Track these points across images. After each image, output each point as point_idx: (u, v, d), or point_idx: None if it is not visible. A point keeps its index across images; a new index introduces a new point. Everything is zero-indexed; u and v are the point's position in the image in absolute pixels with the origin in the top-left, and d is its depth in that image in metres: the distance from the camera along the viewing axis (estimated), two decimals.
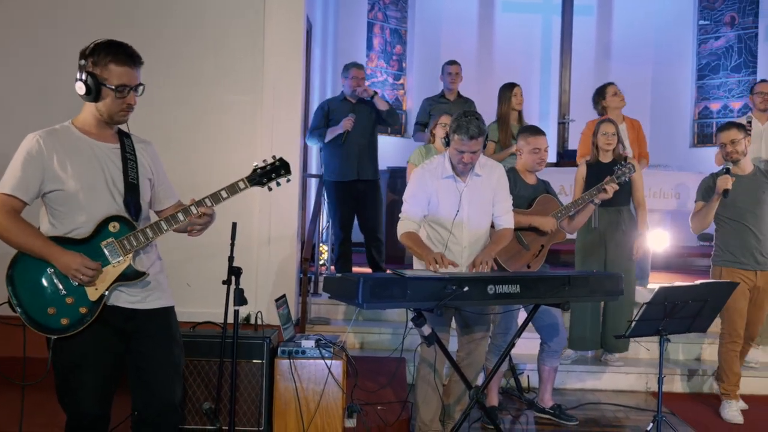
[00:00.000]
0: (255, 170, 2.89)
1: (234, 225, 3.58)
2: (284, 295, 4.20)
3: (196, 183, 4.87)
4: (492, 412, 4.47)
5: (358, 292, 3.14)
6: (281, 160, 2.93)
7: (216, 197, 2.81)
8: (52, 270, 2.62)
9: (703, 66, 10.20)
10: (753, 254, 4.62)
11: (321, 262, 6.77)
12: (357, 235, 6.55)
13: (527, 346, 5.08)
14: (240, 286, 3.48)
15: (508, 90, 5.98)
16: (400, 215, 3.83)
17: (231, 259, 3.53)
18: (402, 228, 3.78)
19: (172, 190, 2.99)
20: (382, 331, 5.70)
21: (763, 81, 6.25)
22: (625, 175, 4.46)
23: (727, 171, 4.52)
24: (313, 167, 7.56)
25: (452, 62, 6.56)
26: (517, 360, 5.21)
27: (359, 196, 6.29)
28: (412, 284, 3.23)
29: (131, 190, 2.74)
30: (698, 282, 3.80)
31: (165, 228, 2.75)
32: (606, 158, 5.10)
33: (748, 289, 4.63)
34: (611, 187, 4.35)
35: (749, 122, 5.74)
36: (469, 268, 3.72)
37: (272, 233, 5.25)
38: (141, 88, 2.73)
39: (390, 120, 6.30)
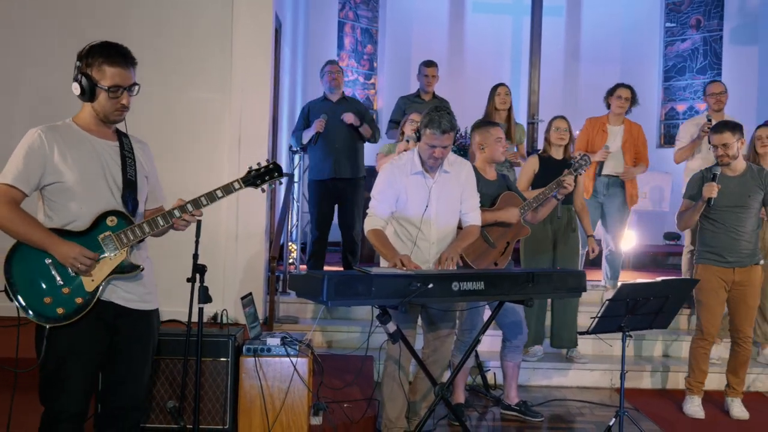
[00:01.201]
0: (249, 172, 3.00)
1: (198, 222, 3.56)
2: (250, 293, 4.19)
3: (164, 182, 4.87)
4: (458, 409, 4.51)
5: (322, 289, 3.14)
6: (275, 163, 3.05)
7: (211, 196, 2.90)
8: (50, 260, 2.68)
9: (670, 68, 10.34)
10: (729, 252, 4.61)
11: (290, 261, 6.76)
12: (333, 236, 6.57)
13: (494, 343, 5.13)
14: (205, 284, 3.46)
15: (493, 90, 6.07)
16: (367, 211, 3.84)
17: (195, 256, 3.50)
18: (369, 225, 3.78)
19: (161, 194, 3.08)
20: (351, 329, 5.71)
21: (713, 82, 6.36)
22: (582, 167, 4.55)
23: (714, 177, 4.53)
24: (283, 166, 7.53)
25: (430, 64, 6.56)
26: (483, 357, 5.25)
27: (339, 195, 6.31)
28: (377, 281, 3.24)
29: (129, 187, 2.82)
30: (659, 279, 3.86)
31: (162, 224, 2.83)
32: (557, 154, 5.15)
33: (724, 287, 4.65)
34: (569, 179, 4.40)
35: (709, 120, 5.84)
36: (435, 264, 3.74)
37: (240, 231, 5.24)
38: (136, 88, 2.82)
39: (371, 141, 6.41)
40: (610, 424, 3.89)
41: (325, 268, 6.47)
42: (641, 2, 10.54)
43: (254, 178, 2.98)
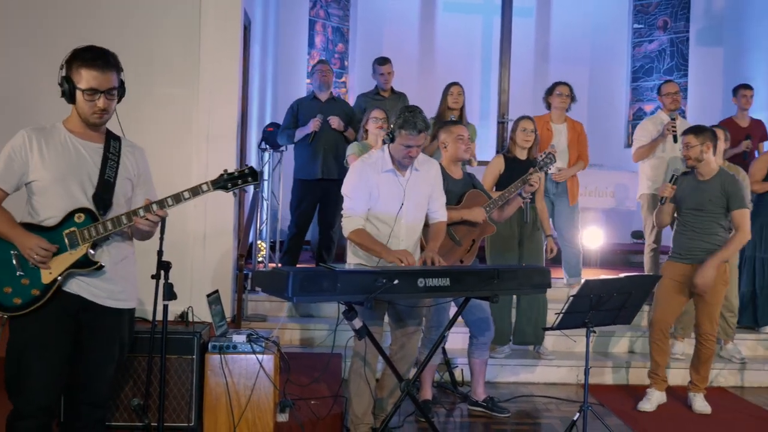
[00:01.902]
0: (222, 175, 3.00)
1: (163, 220, 3.53)
2: (217, 291, 4.17)
3: None
4: (425, 405, 4.54)
5: (287, 285, 3.14)
6: (251, 168, 3.06)
7: (177, 197, 2.93)
8: (16, 252, 2.78)
9: (638, 68, 10.47)
10: (687, 251, 4.75)
11: (260, 259, 6.75)
12: (309, 234, 6.57)
13: (462, 340, 5.16)
14: (170, 281, 3.44)
15: (446, 89, 6.10)
16: (343, 212, 3.83)
17: (160, 253, 3.48)
18: (349, 225, 3.76)
19: (155, 198, 3.06)
20: (319, 326, 5.71)
21: (668, 82, 6.45)
22: (548, 165, 4.59)
23: (674, 179, 4.69)
24: (253, 163, 7.51)
25: (383, 62, 6.58)
26: (451, 354, 5.28)
27: (323, 194, 6.31)
28: (343, 278, 3.24)
29: (104, 187, 2.88)
30: (622, 275, 3.91)
31: (125, 222, 2.88)
32: (522, 155, 5.19)
33: (684, 283, 4.74)
34: (535, 177, 4.43)
35: (673, 119, 5.92)
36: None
37: (208, 229, 5.20)
38: (116, 91, 2.90)
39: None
40: (574, 419, 3.94)
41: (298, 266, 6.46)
42: (610, 4, 10.66)
43: (226, 182, 2.99)
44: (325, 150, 6.19)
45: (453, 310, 4.28)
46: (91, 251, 2.85)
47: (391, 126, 3.77)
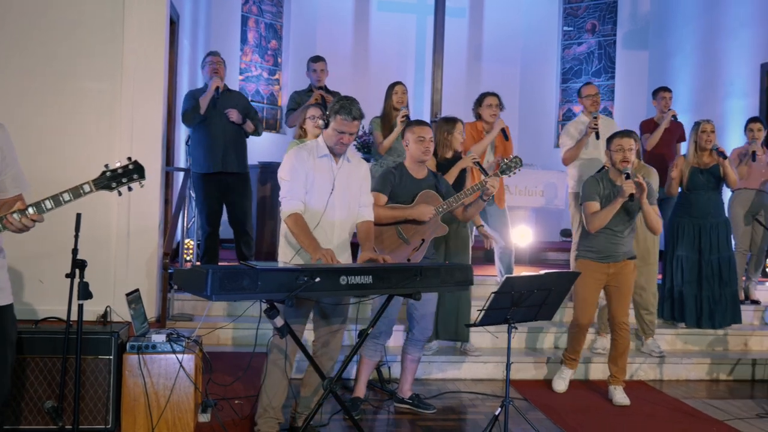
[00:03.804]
0: (104, 173, 2.75)
1: (78, 216, 3.46)
2: (137, 290, 4.09)
3: (51, 174, 4.70)
4: (355, 402, 4.54)
5: (206, 283, 3.08)
6: (135, 163, 2.81)
7: (57, 200, 2.67)
8: None
9: (567, 70, 10.70)
10: (609, 251, 4.89)
11: (188, 258, 6.63)
12: (227, 231, 6.46)
13: (397, 338, 5.19)
14: (85, 280, 3.37)
15: (390, 88, 6.10)
16: (281, 196, 3.80)
17: (75, 251, 3.41)
18: (288, 208, 3.74)
19: (20, 180, 2.86)
20: (249, 325, 5.63)
21: (587, 84, 6.62)
22: (511, 169, 4.54)
23: (628, 176, 4.71)
24: (181, 160, 7.39)
25: (317, 59, 6.57)
26: (388, 352, 5.29)
27: (227, 189, 6.20)
28: (264, 275, 3.21)
29: None
30: (543, 272, 3.98)
31: None
32: (447, 154, 5.24)
33: (600, 280, 4.91)
34: (493, 181, 4.43)
35: (595, 117, 6.06)
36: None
37: (132, 227, 5.09)
38: None
39: (254, 134, 6.36)
40: (496, 413, 3.99)
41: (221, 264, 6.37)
42: (541, 6, 10.86)
43: (109, 180, 2.74)
44: (225, 142, 6.08)
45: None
46: None
47: (327, 113, 3.80)
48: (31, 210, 2.65)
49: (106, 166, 2.78)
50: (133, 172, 2.78)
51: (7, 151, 2.80)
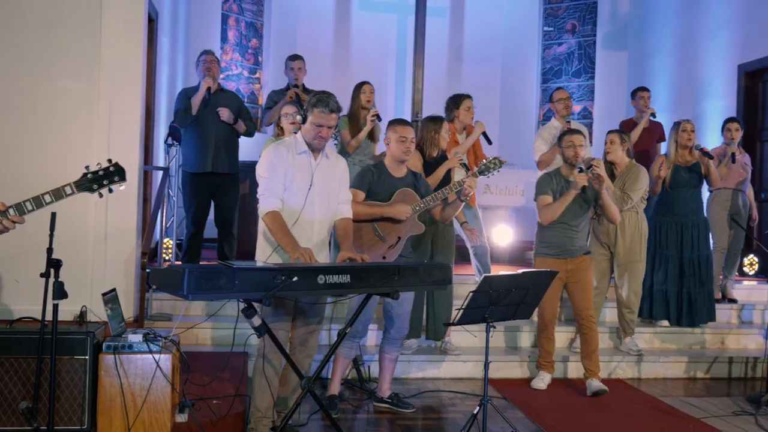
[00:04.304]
0: (85, 175, 2.80)
1: (53, 215, 3.41)
2: (114, 290, 4.06)
3: (28, 174, 4.66)
4: (332, 401, 4.55)
5: (183, 282, 3.06)
6: (116, 165, 2.86)
7: (38, 201, 2.71)
8: None
9: (547, 70, 10.74)
10: (566, 245, 5.10)
11: (166, 257, 6.59)
12: (210, 231, 6.43)
13: (375, 337, 5.19)
14: (60, 280, 3.33)
15: (358, 87, 6.11)
16: (259, 193, 3.78)
17: (50, 251, 3.37)
18: (266, 206, 3.73)
19: None
20: (229, 326, 5.60)
21: (559, 89, 6.71)
22: (490, 169, 4.59)
23: (581, 170, 4.91)
24: (160, 159, 7.35)
25: (295, 57, 6.57)
26: (365, 351, 5.30)
27: (215, 190, 6.19)
28: (241, 275, 3.20)
29: None
30: (520, 271, 3.99)
31: None
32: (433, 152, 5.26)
33: (560, 277, 5.03)
34: (471, 181, 4.44)
35: (568, 122, 6.13)
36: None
37: (109, 226, 5.05)
38: None
39: (247, 135, 6.35)
40: (475, 412, 4.00)
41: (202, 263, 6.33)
42: (521, 6, 10.89)
43: (90, 182, 2.80)
44: (216, 143, 6.08)
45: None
46: None
47: (304, 107, 3.81)
48: (11, 211, 2.67)
49: (87, 167, 2.81)
50: (114, 174, 2.84)
51: None
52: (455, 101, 5.92)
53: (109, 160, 2.85)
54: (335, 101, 3.79)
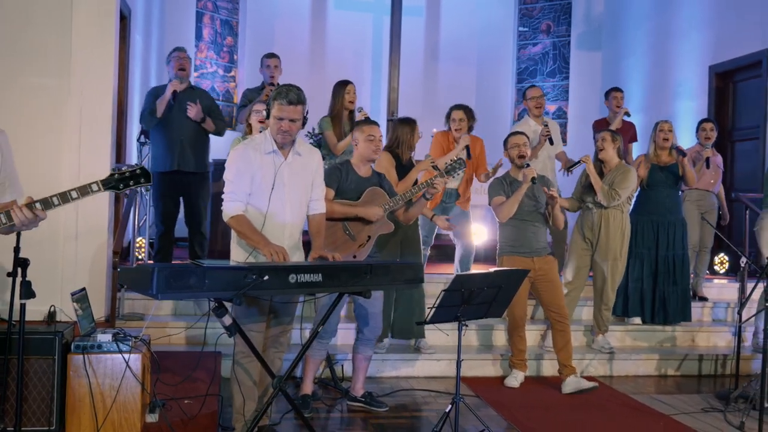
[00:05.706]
0: (112, 175, 2.90)
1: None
2: (83, 289, 4.01)
3: None
4: (305, 400, 4.54)
5: (152, 281, 3.03)
6: (143, 168, 2.97)
7: (64, 197, 2.76)
8: None
9: (522, 70, 10.80)
10: (531, 243, 5.23)
11: (139, 257, 6.54)
12: (182, 231, 6.39)
13: (349, 336, 5.19)
14: (28, 279, 3.29)
15: (341, 87, 6.01)
16: (223, 197, 3.74)
17: (17, 249, 3.33)
18: (229, 210, 3.68)
19: (16, 186, 2.94)
20: (200, 325, 5.55)
21: (532, 87, 6.74)
22: (455, 170, 4.67)
23: (528, 165, 5.12)
24: (133, 157, 7.29)
25: (271, 55, 6.54)
26: (338, 350, 5.30)
27: (183, 189, 6.13)
28: (211, 274, 3.17)
29: None
30: (492, 270, 4.01)
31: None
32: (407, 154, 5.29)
33: (528, 276, 5.01)
34: (440, 182, 4.46)
35: (546, 125, 6.18)
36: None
37: (80, 225, 4.99)
38: None
39: (216, 134, 6.30)
40: (447, 410, 4.01)
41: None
42: (497, 6, 10.94)
43: (118, 182, 2.89)
44: (182, 141, 6.04)
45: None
46: None
47: (268, 103, 3.77)
48: (38, 205, 2.72)
49: (115, 169, 2.93)
50: (141, 176, 2.95)
51: (6, 154, 2.88)
52: (449, 111, 6.05)
53: (136, 165, 2.98)
54: (295, 93, 3.67)
